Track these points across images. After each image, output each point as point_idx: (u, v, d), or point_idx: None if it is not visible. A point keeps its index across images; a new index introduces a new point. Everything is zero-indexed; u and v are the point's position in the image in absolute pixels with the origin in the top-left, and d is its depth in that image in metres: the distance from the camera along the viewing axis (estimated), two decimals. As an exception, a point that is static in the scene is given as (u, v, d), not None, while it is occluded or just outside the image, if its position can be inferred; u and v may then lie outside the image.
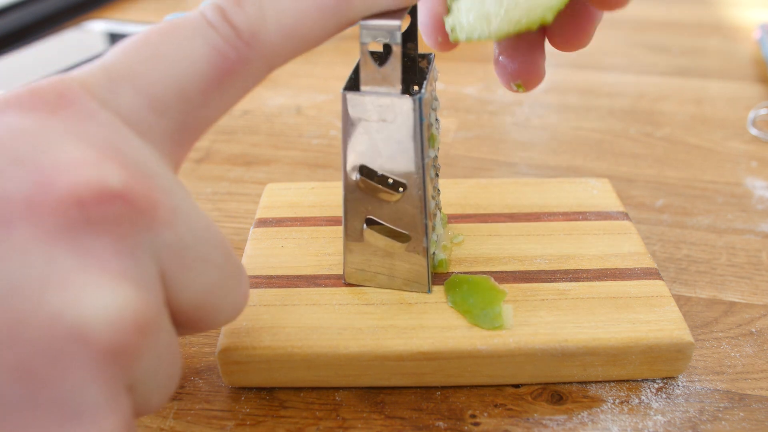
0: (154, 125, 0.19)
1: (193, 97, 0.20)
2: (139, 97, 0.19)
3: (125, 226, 0.17)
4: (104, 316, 0.15)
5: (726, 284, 0.32)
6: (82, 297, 0.15)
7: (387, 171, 0.26)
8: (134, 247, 0.17)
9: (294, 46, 0.21)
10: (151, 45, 0.19)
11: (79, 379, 0.15)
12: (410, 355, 0.25)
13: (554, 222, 0.32)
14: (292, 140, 0.47)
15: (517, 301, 0.27)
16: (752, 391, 0.27)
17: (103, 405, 0.16)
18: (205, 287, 0.19)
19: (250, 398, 0.27)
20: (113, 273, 0.16)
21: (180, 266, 0.18)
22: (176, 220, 0.18)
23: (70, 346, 0.15)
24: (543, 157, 0.44)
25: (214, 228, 0.19)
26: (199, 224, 0.19)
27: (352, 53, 0.60)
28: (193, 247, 0.18)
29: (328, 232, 0.32)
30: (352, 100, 0.24)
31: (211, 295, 0.19)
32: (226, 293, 0.20)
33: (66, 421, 0.15)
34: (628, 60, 0.59)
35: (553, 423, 0.25)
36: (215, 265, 0.19)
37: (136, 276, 0.17)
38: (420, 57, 0.28)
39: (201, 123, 0.20)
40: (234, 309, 0.21)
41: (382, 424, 0.25)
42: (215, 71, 0.20)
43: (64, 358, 0.15)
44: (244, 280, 0.21)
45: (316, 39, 0.21)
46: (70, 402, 0.15)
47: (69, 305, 0.15)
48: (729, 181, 0.41)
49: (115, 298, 0.16)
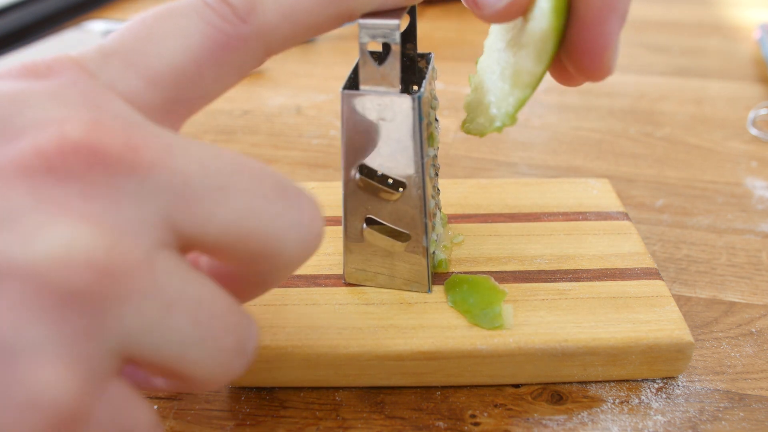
0: (146, 95, 0.19)
1: (186, 69, 0.20)
2: (130, 69, 0.19)
3: (97, 173, 0.16)
4: (49, 254, 0.15)
5: (726, 284, 0.32)
6: (31, 234, 0.15)
7: (386, 170, 0.26)
8: (112, 192, 0.16)
9: (291, 28, 0.21)
10: (146, 25, 0.20)
11: (16, 316, 0.14)
12: (410, 355, 0.25)
13: (554, 222, 0.32)
14: (292, 140, 0.47)
15: (517, 301, 0.27)
16: (752, 391, 0.27)
17: (46, 349, 0.14)
18: (235, 213, 0.17)
19: (250, 398, 0.27)
20: (74, 215, 0.15)
21: (191, 200, 0.17)
22: (170, 155, 0.17)
23: (9, 282, 0.14)
24: (543, 157, 0.44)
25: (229, 154, 0.18)
26: (205, 153, 0.18)
27: (351, 53, 0.60)
28: (203, 177, 0.17)
29: (328, 232, 0.32)
30: (352, 99, 0.24)
31: (253, 221, 0.17)
32: (276, 215, 0.18)
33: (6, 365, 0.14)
34: (628, 60, 0.59)
35: (553, 423, 0.25)
36: (241, 189, 0.18)
37: (109, 219, 0.16)
38: (419, 57, 0.28)
39: (195, 97, 0.20)
40: (300, 233, 0.18)
41: (382, 424, 0.25)
42: (210, 44, 0.20)
43: (3, 293, 0.14)
44: (305, 200, 0.19)
45: (315, 25, 0.21)
46: (3, 340, 0.14)
47: (13, 241, 0.15)
48: (729, 181, 0.41)
49: (64, 238, 0.15)
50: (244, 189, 0.18)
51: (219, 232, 0.17)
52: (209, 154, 0.18)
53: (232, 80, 0.21)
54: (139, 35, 0.20)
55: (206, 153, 0.18)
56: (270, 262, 0.18)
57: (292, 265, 0.19)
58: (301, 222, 0.18)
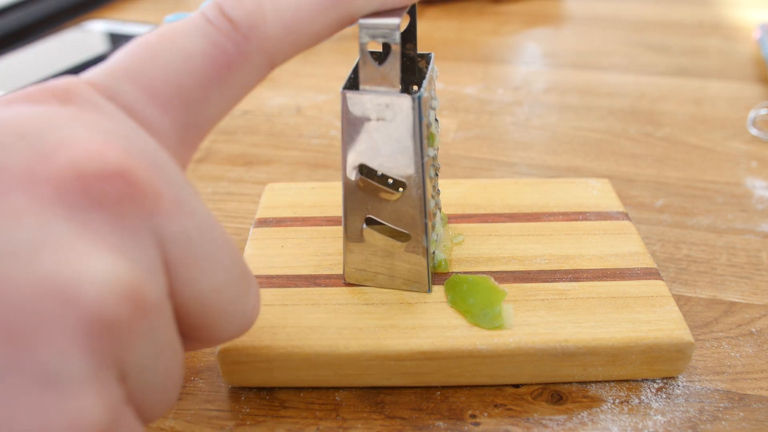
0: (159, 122, 0.19)
1: (193, 91, 0.19)
2: (142, 94, 0.19)
3: (126, 206, 0.16)
4: (95, 282, 0.15)
5: (726, 284, 0.32)
6: (75, 261, 0.15)
7: (386, 170, 0.26)
8: (135, 229, 0.16)
9: (294, 39, 0.21)
10: (150, 45, 0.20)
11: (62, 345, 0.14)
12: (410, 355, 0.25)
13: (554, 222, 0.32)
14: (292, 140, 0.47)
15: (517, 301, 0.27)
16: (752, 391, 0.27)
17: (84, 379, 0.15)
18: (210, 287, 0.18)
19: (250, 398, 0.27)
20: (109, 245, 0.16)
21: (185, 260, 0.18)
22: (181, 213, 0.17)
23: (57, 309, 0.14)
24: (543, 157, 0.44)
25: (220, 228, 0.19)
26: (205, 222, 0.18)
27: (352, 53, 0.60)
28: (199, 243, 0.18)
29: (328, 232, 0.32)
30: (352, 99, 0.24)
31: (217, 298, 0.19)
32: (233, 299, 0.19)
33: (44, 389, 0.14)
34: (628, 60, 0.59)
35: (553, 423, 0.25)
36: (222, 267, 0.19)
37: (134, 255, 0.16)
38: (419, 57, 0.28)
39: (204, 120, 0.20)
40: (241, 320, 0.20)
41: (382, 424, 0.25)
42: (214, 65, 0.20)
43: (49, 321, 0.14)
44: (254, 291, 0.20)
45: (317, 33, 0.21)
46: (51, 369, 0.14)
47: (60, 267, 0.15)
48: (729, 181, 0.41)
49: (108, 268, 0.15)
50: (223, 268, 0.19)
51: (190, 296, 0.18)
52: (207, 224, 0.18)
53: (238, 97, 0.21)
54: (145, 57, 0.19)
55: (205, 221, 0.18)
56: (202, 333, 0.19)
57: (212, 343, 0.20)
58: (245, 311, 0.20)
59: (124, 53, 0.20)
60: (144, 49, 0.20)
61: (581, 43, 0.63)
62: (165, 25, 0.20)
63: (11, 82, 0.51)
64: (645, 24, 0.67)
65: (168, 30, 0.20)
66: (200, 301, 0.18)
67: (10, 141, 0.16)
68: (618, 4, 0.72)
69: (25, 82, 0.50)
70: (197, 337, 0.19)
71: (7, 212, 0.15)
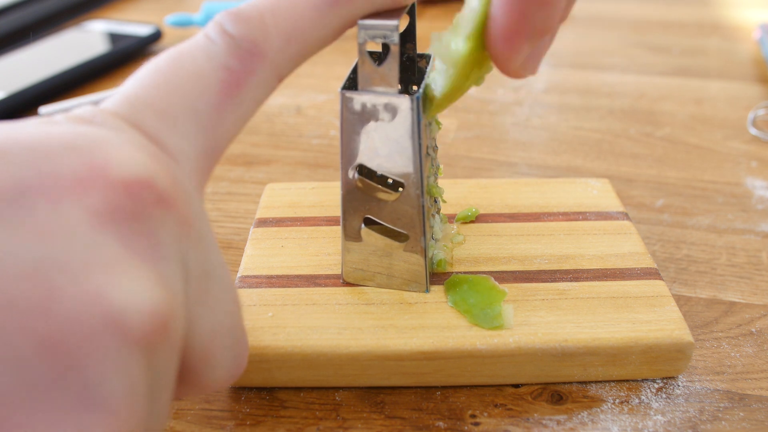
0: (180, 150, 0.19)
1: (207, 114, 0.19)
2: (161, 121, 0.19)
3: (164, 232, 0.16)
4: (141, 307, 0.15)
5: (726, 284, 0.32)
6: (124, 283, 0.15)
7: (385, 170, 0.26)
8: (172, 258, 0.17)
9: (298, 49, 0.21)
10: (160, 71, 0.19)
11: (105, 366, 0.15)
12: (410, 355, 0.25)
13: (554, 222, 0.32)
14: (292, 140, 0.47)
15: (517, 301, 0.27)
16: (752, 391, 0.27)
17: (122, 399, 0.15)
18: (210, 328, 0.18)
19: (250, 398, 0.27)
20: (151, 271, 0.16)
21: (197, 295, 0.18)
22: (202, 246, 0.18)
23: (103, 330, 0.14)
24: (543, 157, 0.44)
25: (228, 270, 0.19)
26: (217, 260, 0.19)
27: (352, 53, 0.60)
28: (211, 280, 0.18)
29: (327, 232, 0.32)
30: (351, 99, 0.24)
31: (218, 340, 0.19)
32: (230, 346, 0.19)
33: (83, 408, 0.14)
34: (628, 60, 0.59)
35: (553, 423, 0.25)
36: (225, 310, 0.19)
37: (168, 280, 0.16)
38: (419, 57, 0.28)
39: (221, 142, 0.20)
40: (232, 369, 0.20)
41: (382, 424, 0.25)
42: (223, 86, 0.20)
43: (95, 341, 0.14)
44: (245, 345, 0.20)
45: (319, 39, 0.21)
46: (92, 388, 0.14)
47: (109, 288, 0.15)
48: (729, 181, 0.41)
49: (154, 297, 0.15)
50: (226, 311, 0.19)
51: (192, 335, 0.18)
52: (219, 261, 0.19)
53: (250, 113, 0.21)
54: (157, 83, 0.19)
55: (218, 258, 0.19)
56: (189, 377, 0.19)
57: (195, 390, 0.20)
58: (235, 363, 0.20)
59: (137, 79, 0.19)
60: (155, 75, 0.19)
61: (581, 43, 0.63)
62: (171, 49, 0.20)
63: (11, 82, 0.51)
64: (645, 24, 0.67)
65: (175, 53, 0.20)
66: (199, 342, 0.18)
67: (60, 151, 0.16)
68: (618, 5, 0.72)
69: (25, 82, 0.50)
70: (183, 380, 0.19)
71: (58, 223, 0.15)
